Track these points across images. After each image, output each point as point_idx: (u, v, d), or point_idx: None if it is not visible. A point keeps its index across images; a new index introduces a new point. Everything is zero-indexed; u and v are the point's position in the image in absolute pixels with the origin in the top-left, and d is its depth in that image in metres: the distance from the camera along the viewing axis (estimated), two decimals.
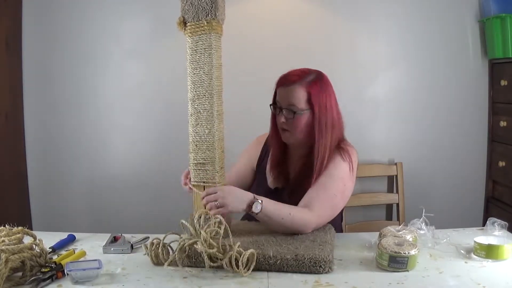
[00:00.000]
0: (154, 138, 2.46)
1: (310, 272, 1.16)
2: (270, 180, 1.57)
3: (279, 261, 1.17)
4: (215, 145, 1.32)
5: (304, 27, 2.37)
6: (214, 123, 1.31)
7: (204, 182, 1.34)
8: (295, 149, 1.54)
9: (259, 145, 1.66)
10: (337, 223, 1.53)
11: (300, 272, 1.16)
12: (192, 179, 1.36)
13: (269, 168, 1.58)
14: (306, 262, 1.16)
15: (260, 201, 1.28)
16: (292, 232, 1.33)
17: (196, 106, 1.32)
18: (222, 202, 1.26)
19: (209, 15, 1.28)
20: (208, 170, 1.33)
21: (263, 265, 1.18)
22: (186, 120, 1.37)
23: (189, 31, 1.30)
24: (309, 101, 1.41)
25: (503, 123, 2.25)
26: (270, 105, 1.51)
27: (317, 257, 1.16)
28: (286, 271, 1.17)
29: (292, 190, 1.48)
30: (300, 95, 1.41)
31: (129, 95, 2.45)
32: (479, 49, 2.39)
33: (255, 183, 1.64)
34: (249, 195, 1.29)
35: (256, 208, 1.27)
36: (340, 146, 1.48)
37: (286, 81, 1.44)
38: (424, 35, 2.38)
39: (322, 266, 1.15)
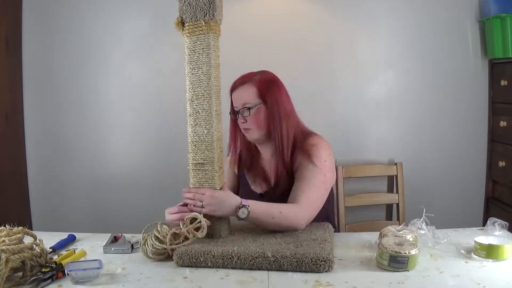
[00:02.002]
0: (153, 138, 2.46)
1: (311, 271, 1.16)
2: (253, 186, 1.60)
3: (279, 260, 1.17)
4: (214, 145, 1.32)
5: (304, 27, 2.37)
6: (213, 123, 1.31)
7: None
8: (263, 149, 1.58)
9: (228, 167, 1.69)
10: (330, 219, 1.54)
11: (301, 270, 1.16)
12: (191, 180, 1.36)
13: (245, 172, 1.63)
14: (307, 260, 1.16)
15: (247, 206, 1.30)
16: (285, 229, 1.34)
17: (194, 106, 1.32)
18: (207, 208, 1.29)
19: (207, 15, 1.28)
20: (207, 170, 1.33)
21: (263, 264, 1.18)
22: (185, 120, 1.37)
23: (187, 31, 1.31)
24: (261, 95, 1.47)
25: (503, 123, 2.25)
26: (230, 113, 1.55)
27: (317, 255, 1.16)
28: (287, 270, 1.17)
29: (274, 194, 1.50)
30: (250, 92, 1.47)
31: (129, 95, 2.45)
32: (479, 49, 2.39)
33: (241, 190, 1.65)
34: (236, 201, 1.31)
35: (242, 214, 1.30)
36: (310, 139, 1.50)
37: (236, 84, 1.50)
38: (424, 35, 2.38)
39: (323, 264, 1.15)
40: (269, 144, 1.54)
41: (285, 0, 2.38)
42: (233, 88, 1.52)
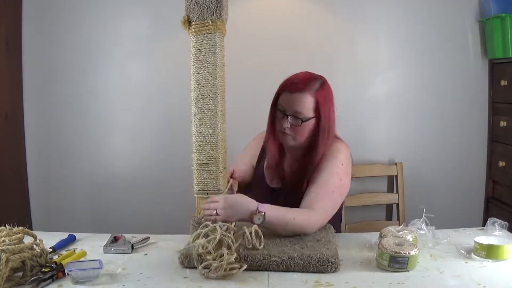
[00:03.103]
0: (154, 138, 2.46)
1: (318, 272, 1.15)
2: (269, 180, 1.58)
3: (286, 261, 1.17)
4: (219, 145, 1.32)
5: (304, 27, 2.37)
6: (218, 123, 1.31)
7: (207, 194, 1.34)
8: (292, 151, 1.55)
9: (259, 143, 1.65)
10: (336, 224, 1.53)
11: (307, 271, 1.16)
12: (194, 181, 1.36)
13: (266, 168, 1.59)
14: (313, 261, 1.16)
15: (263, 213, 1.27)
16: (297, 234, 1.33)
17: (200, 106, 1.32)
18: (223, 214, 1.26)
19: (214, 15, 1.28)
20: (212, 170, 1.33)
21: (270, 265, 1.17)
22: (186, 120, 1.37)
23: (193, 30, 1.30)
24: (316, 109, 1.42)
25: (503, 123, 2.25)
26: (272, 107, 1.49)
27: (324, 256, 1.16)
28: (293, 271, 1.16)
29: (288, 191, 1.48)
30: (307, 104, 1.41)
31: (129, 95, 2.45)
32: (479, 49, 2.39)
33: (254, 181, 1.64)
34: (252, 206, 1.27)
35: (258, 220, 1.26)
36: (334, 143, 1.50)
37: (293, 87, 1.42)
38: (424, 35, 2.38)
39: (330, 265, 1.15)
40: (300, 149, 1.50)
41: (285, 0, 2.38)
42: (288, 89, 1.43)
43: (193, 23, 1.30)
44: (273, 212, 1.29)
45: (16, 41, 2.37)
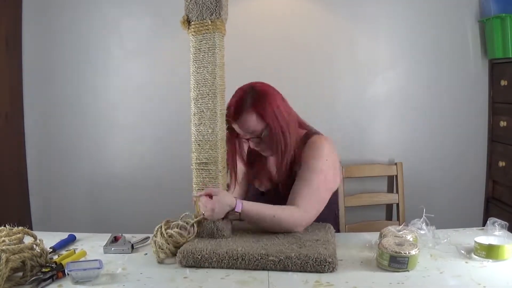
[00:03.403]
0: (153, 138, 2.46)
1: (315, 271, 1.15)
2: (257, 184, 1.59)
3: (283, 260, 1.17)
4: (218, 145, 1.32)
5: (304, 27, 2.37)
6: (217, 123, 1.31)
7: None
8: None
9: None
10: (330, 221, 1.53)
11: (305, 271, 1.16)
12: (194, 180, 1.36)
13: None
14: (311, 261, 1.16)
15: (237, 213, 1.31)
16: (282, 231, 1.34)
17: (199, 105, 1.32)
18: (211, 209, 1.29)
19: (214, 14, 1.28)
20: (211, 169, 1.33)
21: (268, 265, 1.18)
22: (186, 120, 1.37)
23: (193, 30, 1.30)
24: (262, 119, 1.40)
25: (503, 123, 2.25)
26: (230, 138, 1.47)
27: (321, 256, 1.16)
28: (291, 270, 1.17)
29: (280, 190, 1.48)
30: (253, 121, 1.40)
31: (129, 95, 2.45)
32: (479, 49, 2.39)
33: (248, 189, 1.65)
34: (232, 203, 1.31)
35: (232, 216, 1.32)
36: (312, 138, 1.48)
37: (233, 116, 1.41)
38: (424, 35, 2.38)
39: (327, 265, 1.15)
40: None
41: (285, 0, 2.38)
42: (232, 119, 1.42)
43: (192, 23, 1.30)
44: (250, 210, 1.32)
45: (16, 41, 2.37)
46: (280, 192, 1.47)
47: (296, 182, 1.42)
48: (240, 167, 1.63)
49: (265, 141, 1.44)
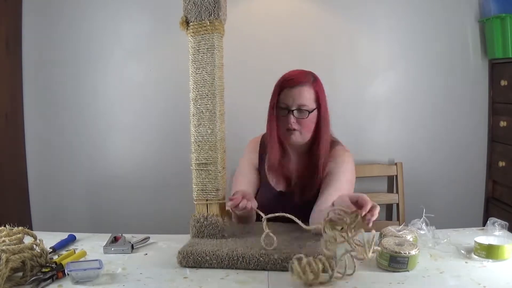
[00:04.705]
0: (153, 138, 2.46)
1: None
2: (273, 183, 1.58)
3: (284, 260, 1.16)
4: (218, 145, 1.32)
5: (304, 27, 2.37)
6: (217, 123, 1.31)
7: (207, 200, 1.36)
8: (294, 150, 1.56)
9: (255, 149, 1.65)
10: None
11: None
12: (193, 180, 1.36)
13: (267, 171, 1.59)
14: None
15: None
16: None
17: (198, 106, 1.32)
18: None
19: (212, 15, 1.28)
20: (210, 170, 1.33)
21: (268, 265, 1.18)
22: (186, 120, 1.37)
23: (191, 31, 1.30)
24: (317, 100, 1.49)
25: (503, 123, 2.25)
26: (272, 108, 1.50)
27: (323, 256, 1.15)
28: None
29: (299, 192, 1.49)
30: (310, 95, 1.47)
31: (129, 95, 2.45)
32: (479, 49, 2.39)
33: (261, 188, 1.63)
34: None
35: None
36: (338, 149, 1.53)
37: (294, 82, 1.47)
38: (424, 35, 2.38)
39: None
40: (301, 147, 1.53)
41: (285, 0, 2.38)
42: (289, 85, 1.47)
43: (191, 23, 1.30)
44: None
45: (16, 41, 2.37)
46: (298, 190, 1.49)
47: (326, 191, 1.44)
48: (252, 165, 1.62)
49: (308, 122, 1.47)
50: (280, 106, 1.49)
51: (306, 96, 1.46)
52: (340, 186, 1.44)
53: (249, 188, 1.56)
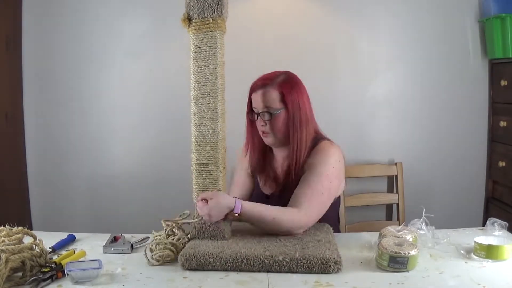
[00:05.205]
0: (154, 138, 2.46)
1: (321, 272, 1.15)
2: (261, 185, 1.59)
3: (289, 262, 1.16)
4: (219, 145, 1.30)
5: (304, 27, 2.37)
6: (218, 123, 1.29)
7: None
8: (278, 152, 1.57)
9: (244, 156, 1.67)
10: (334, 225, 1.52)
11: (310, 272, 1.15)
12: (194, 181, 1.35)
13: (255, 174, 1.61)
14: (316, 262, 1.15)
15: (236, 214, 1.28)
16: (282, 233, 1.33)
17: (200, 105, 1.30)
18: (207, 214, 1.28)
19: (215, 12, 1.26)
20: (212, 170, 1.31)
21: (272, 267, 1.16)
22: (186, 120, 1.37)
23: (193, 28, 1.28)
24: (283, 100, 1.45)
25: (503, 123, 2.25)
26: (248, 112, 1.53)
27: (327, 257, 1.15)
28: (296, 272, 1.16)
29: (285, 194, 1.48)
30: (273, 96, 1.45)
31: (129, 95, 2.45)
32: (479, 49, 2.39)
33: (254, 190, 1.65)
34: (230, 203, 1.29)
35: (232, 217, 1.30)
36: (321, 144, 1.50)
37: (258, 86, 1.48)
38: (424, 35, 2.38)
39: (333, 266, 1.15)
40: (284, 148, 1.52)
41: (286, 0, 2.38)
42: (254, 89, 1.49)
43: (193, 20, 1.28)
44: (250, 211, 1.31)
45: (16, 41, 2.38)
46: (285, 194, 1.46)
47: (300, 185, 1.42)
48: (243, 170, 1.63)
49: (275, 123, 1.45)
50: (253, 111, 1.51)
51: (269, 97, 1.44)
52: (315, 179, 1.40)
53: (238, 194, 1.60)
